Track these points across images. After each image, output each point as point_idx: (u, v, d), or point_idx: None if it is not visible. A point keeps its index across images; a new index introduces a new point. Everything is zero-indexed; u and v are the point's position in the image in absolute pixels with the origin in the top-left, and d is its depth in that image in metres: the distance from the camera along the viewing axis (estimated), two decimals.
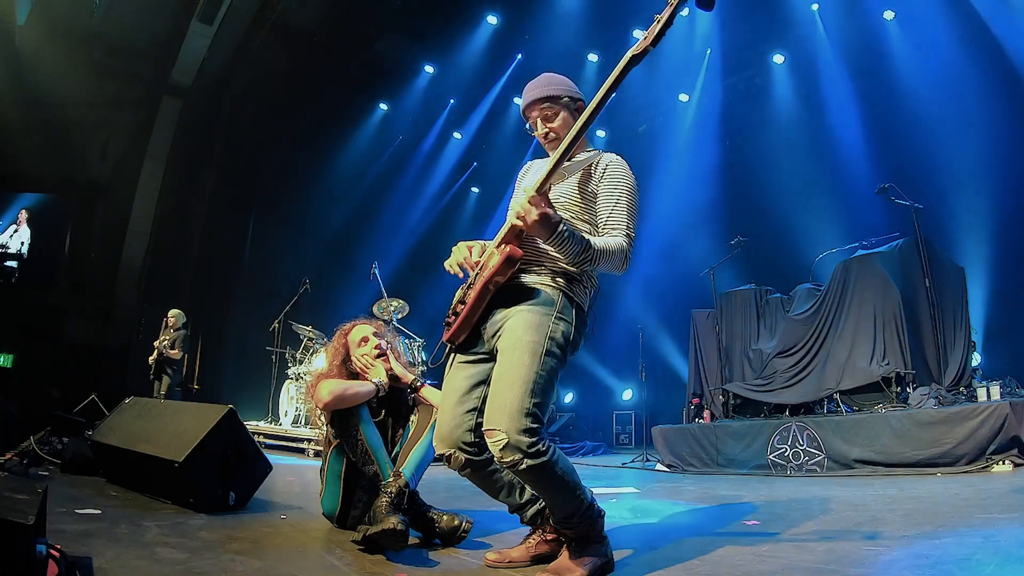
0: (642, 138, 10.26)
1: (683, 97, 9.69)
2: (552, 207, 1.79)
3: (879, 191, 5.29)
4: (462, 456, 1.92)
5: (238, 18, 8.99)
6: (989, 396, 4.20)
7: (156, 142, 9.63)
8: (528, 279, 1.91)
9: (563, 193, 1.99)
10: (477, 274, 1.95)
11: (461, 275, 2.02)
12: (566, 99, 2.00)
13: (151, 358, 7.25)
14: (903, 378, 4.64)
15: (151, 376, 7.27)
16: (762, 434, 4.83)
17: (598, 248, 1.83)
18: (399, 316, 7.16)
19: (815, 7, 8.09)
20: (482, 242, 2.06)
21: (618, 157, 2.00)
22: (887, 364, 4.75)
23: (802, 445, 4.55)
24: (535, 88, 2.03)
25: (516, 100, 10.42)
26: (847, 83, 7.89)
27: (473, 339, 1.98)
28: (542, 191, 1.80)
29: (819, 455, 4.45)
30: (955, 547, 2.00)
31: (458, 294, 2.03)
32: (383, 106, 10.95)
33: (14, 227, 9.02)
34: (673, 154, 9.66)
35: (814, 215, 7.78)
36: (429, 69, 10.36)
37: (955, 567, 1.78)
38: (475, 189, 12.15)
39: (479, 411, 1.90)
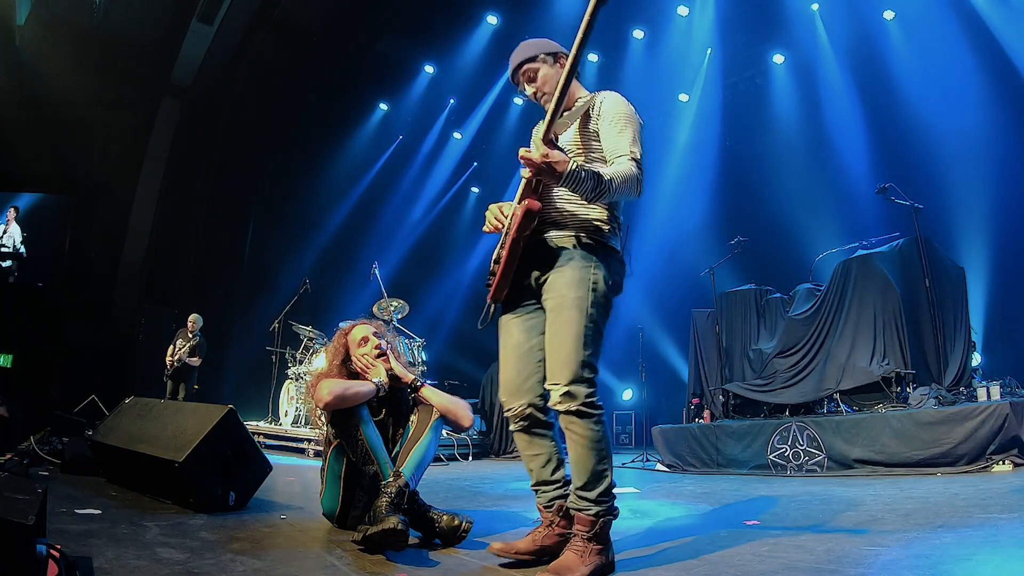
0: (642, 138, 10.24)
1: (683, 97, 9.69)
2: (558, 148, 1.84)
3: (879, 191, 5.28)
4: (529, 409, 2.01)
5: (238, 18, 8.99)
6: (989, 396, 4.20)
7: (156, 142, 9.63)
8: (559, 234, 2.00)
9: (569, 140, 2.07)
10: (506, 232, 2.01)
11: (500, 232, 2.11)
12: (541, 55, 2.10)
13: (169, 361, 7.29)
14: (903, 378, 4.64)
15: (166, 378, 7.33)
16: (762, 434, 4.83)
17: (609, 177, 1.86)
18: (399, 316, 7.17)
19: (815, 7, 8.09)
20: (512, 203, 2.09)
21: (612, 93, 2.07)
22: (887, 364, 4.74)
23: (802, 445, 4.55)
24: (514, 56, 2.14)
25: (516, 100, 10.43)
26: (847, 83, 7.90)
27: (518, 294, 2.07)
28: (550, 135, 1.84)
29: (819, 455, 4.45)
30: (955, 547, 2.00)
31: (494, 255, 2.09)
32: (383, 106, 10.95)
33: (2, 227, 8.99)
34: (673, 154, 9.67)
35: (814, 215, 7.78)
36: (429, 69, 10.36)
37: (955, 567, 1.78)
38: (475, 189, 12.15)
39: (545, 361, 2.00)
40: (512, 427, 2.09)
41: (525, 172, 1.88)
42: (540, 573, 1.82)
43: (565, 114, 1.98)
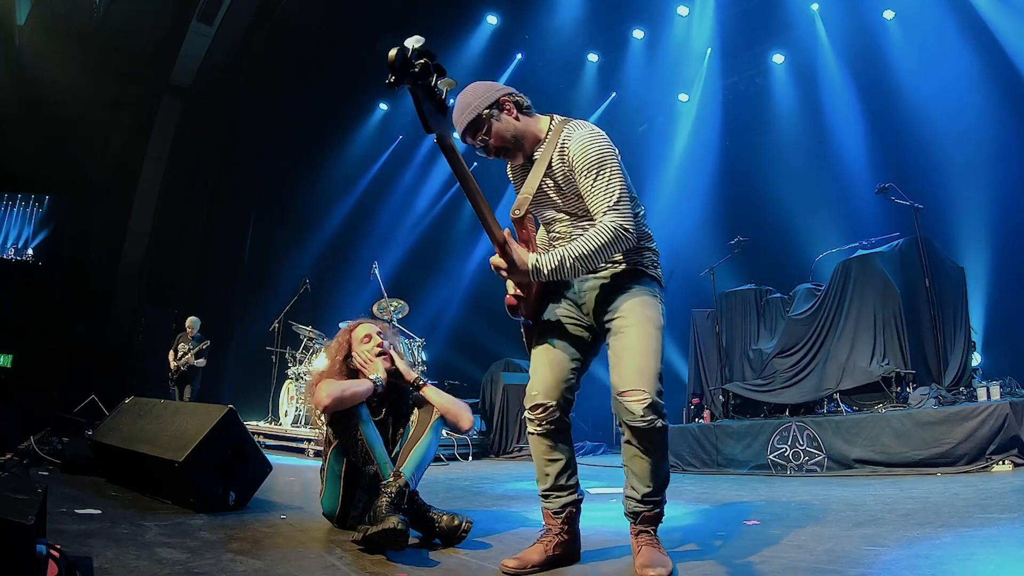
0: (642, 138, 10.26)
1: (683, 97, 9.69)
2: (510, 257, 1.81)
3: (879, 191, 5.28)
4: (558, 412, 1.99)
5: (238, 18, 9.00)
6: (989, 396, 4.20)
7: (156, 142, 9.65)
8: (628, 265, 2.01)
9: (549, 200, 2.02)
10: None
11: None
12: (486, 112, 1.93)
13: (175, 366, 7.28)
14: (903, 378, 4.64)
15: (171, 384, 7.33)
16: (762, 434, 4.83)
17: (576, 255, 1.83)
18: (399, 316, 7.16)
19: (815, 7, 8.09)
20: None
21: (575, 129, 1.94)
22: (887, 364, 4.74)
23: (802, 445, 4.55)
24: (457, 121, 1.94)
25: None
26: (847, 83, 7.90)
27: (559, 303, 2.08)
28: (497, 240, 1.80)
29: (819, 455, 4.45)
30: (955, 547, 2.00)
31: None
32: (383, 106, 10.95)
33: None
34: (673, 154, 9.67)
35: (814, 215, 7.77)
36: None
37: (955, 567, 1.78)
38: None
39: (579, 372, 2.05)
40: (534, 429, 2.02)
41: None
42: (642, 570, 1.79)
43: (529, 178, 1.95)
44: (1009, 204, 6.32)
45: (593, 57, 9.67)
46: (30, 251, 9.88)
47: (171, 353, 7.43)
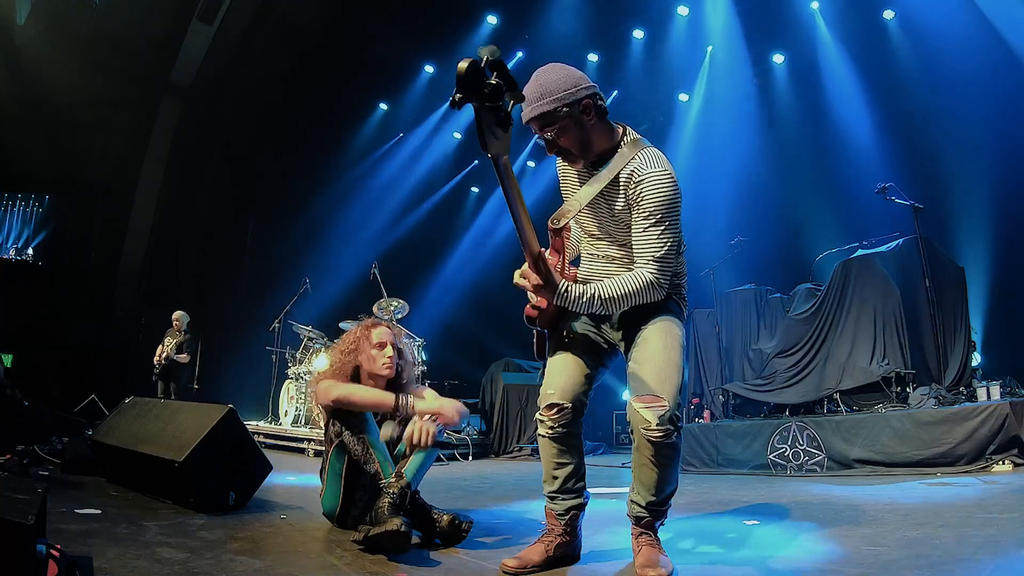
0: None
1: (683, 97, 9.70)
2: (547, 274, 1.75)
3: (879, 191, 5.27)
4: (571, 415, 1.97)
5: (238, 18, 9.00)
6: (989, 396, 4.20)
7: (156, 142, 9.64)
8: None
9: (597, 219, 1.98)
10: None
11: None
12: (563, 110, 1.77)
13: (157, 360, 7.29)
14: (903, 378, 4.64)
15: (155, 378, 7.32)
16: (762, 434, 4.83)
17: (606, 296, 1.81)
18: (399, 316, 7.16)
19: (815, 6, 8.09)
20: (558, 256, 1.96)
21: (645, 168, 1.84)
22: (887, 364, 4.75)
23: (802, 445, 4.55)
24: (529, 103, 1.79)
25: None
26: (847, 83, 7.89)
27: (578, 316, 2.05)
28: (532, 253, 1.71)
29: (819, 455, 4.45)
30: (955, 547, 2.00)
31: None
32: (383, 106, 10.96)
33: None
34: (673, 154, 9.65)
35: (814, 215, 7.77)
36: (429, 69, 10.37)
37: (955, 567, 1.78)
38: (475, 188, 12.16)
39: (593, 380, 2.04)
40: (545, 432, 1.99)
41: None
42: (641, 570, 1.80)
43: (583, 191, 1.87)
44: (1009, 204, 6.32)
45: (593, 57, 9.67)
46: (30, 251, 9.88)
47: (159, 348, 7.43)
